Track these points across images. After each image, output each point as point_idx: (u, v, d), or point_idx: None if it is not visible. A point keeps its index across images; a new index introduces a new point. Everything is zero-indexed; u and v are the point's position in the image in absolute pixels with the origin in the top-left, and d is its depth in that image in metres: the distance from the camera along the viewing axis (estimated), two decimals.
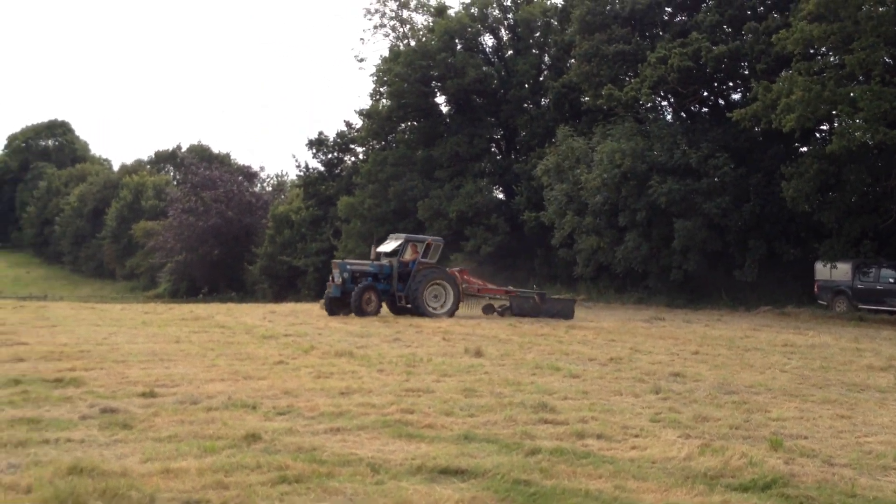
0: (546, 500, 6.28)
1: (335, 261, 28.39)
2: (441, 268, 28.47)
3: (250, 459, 7.04)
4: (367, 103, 61.58)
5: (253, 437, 7.84)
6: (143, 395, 10.28)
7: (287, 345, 17.12)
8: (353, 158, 64.47)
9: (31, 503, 5.61)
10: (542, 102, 51.46)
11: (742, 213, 33.84)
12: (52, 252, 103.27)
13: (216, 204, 71.20)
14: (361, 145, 61.32)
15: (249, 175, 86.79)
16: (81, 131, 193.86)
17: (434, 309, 26.70)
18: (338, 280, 26.42)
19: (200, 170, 78.14)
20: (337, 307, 26.44)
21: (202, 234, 70.44)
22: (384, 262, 27.43)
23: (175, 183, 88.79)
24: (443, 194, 49.12)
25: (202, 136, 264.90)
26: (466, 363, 14.94)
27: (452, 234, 48.42)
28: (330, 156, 64.96)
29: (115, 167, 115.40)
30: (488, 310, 29.03)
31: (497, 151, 55.49)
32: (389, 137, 57.28)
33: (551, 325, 24.96)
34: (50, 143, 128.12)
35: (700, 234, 33.83)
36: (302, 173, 65.67)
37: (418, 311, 26.44)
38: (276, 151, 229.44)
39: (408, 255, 27.47)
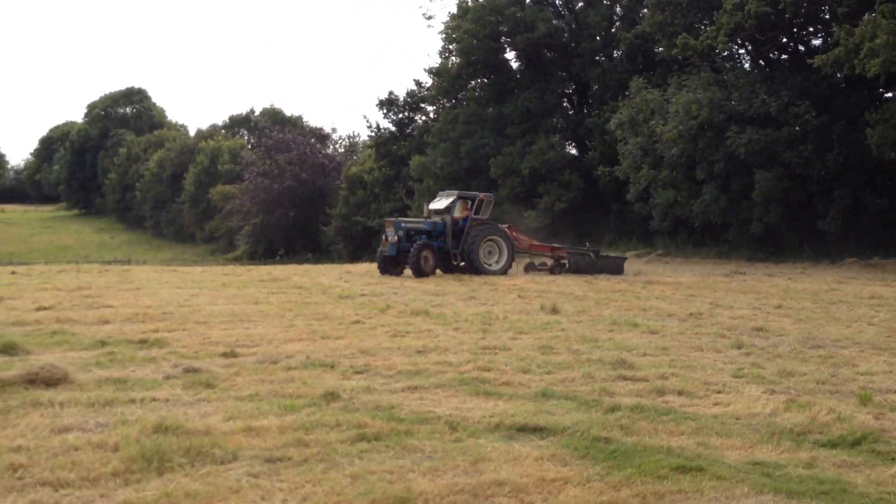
0: (627, 457, 6.17)
1: (389, 219, 28.00)
2: (495, 224, 28.05)
3: (329, 417, 7.07)
4: (436, 62, 61.42)
5: (332, 396, 7.88)
6: (225, 355, 10.43)
7: (363, 304, 17.24)
8: (423, 117, 64.42)
9: (119, 461, 5.70)
10: (615, 55, 50.53)
11: (825, 163, 32.78)
12: (133, 217, 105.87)
13: (290, 166, 71.95)
14: (432, 104, 61.19)
15: (322, 137, 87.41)
16: (158, 98, 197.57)
17: (489, 266, 26.43)
18: (392, 239, 26.04)
19: (274, 133, 78.98)
20: (390, 266, 26.19)
21: (277, 196, 71.36)
22: (436, 219, 27.15)
23: (250, 147, 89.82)
24: (515, 151, 48.76)
25: (275, 99, 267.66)
26: (542, 320, 14.83)
27: (525, 191, 48.13)
28: (401, 115, 64.95)
29: (192, 132, 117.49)
30: (529, 267, 29.10)
31: (569, 106, 54.79)
32: (460, 95, 56.97)
33: (628, 282, 24.69)
34: (128, 110, 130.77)
35: (781, 184, 32.94)
36: (373, 134, 65.83)
37: (473, 268, 26.11)
38: (347, 113, 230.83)
39: (459, 212, 27.13)
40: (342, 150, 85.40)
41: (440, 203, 27.92)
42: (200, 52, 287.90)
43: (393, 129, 64.96)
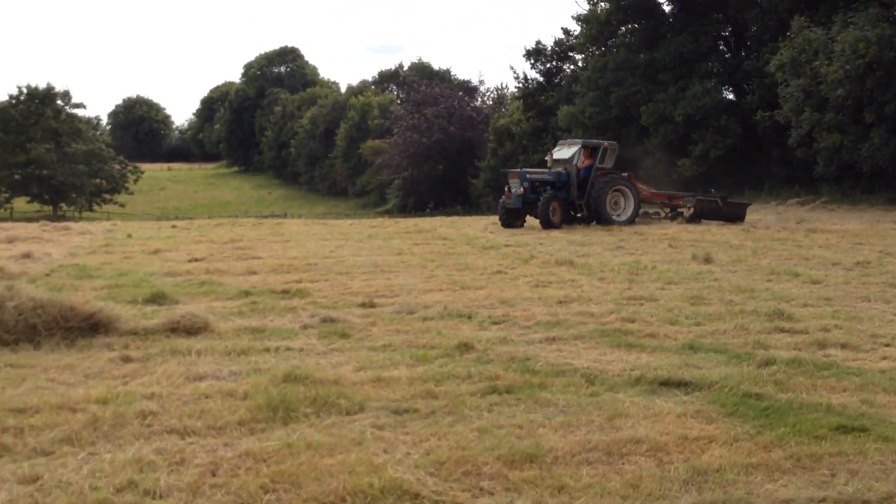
0: (781, 415, 5.64)
1: (513, 170, 26.67)
2: (620, 173, 26.79)
3: (461, 369, 6.83)
4: (584, 8, 59.75)
5: (466, 347, 7.63)
6: (363, 305, 10.36)
7: (507, 255, 16.94)
8: (571, 66, 63.04)
9: (246, 410, 5.62)
10: None
11: None
12: (289, 173, 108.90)
13: (438, 120, 72.07)
14: (580, 52, 59.76)
15: (469, 90, 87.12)
16: (310, 56, 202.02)
17: (616, 217, 25.41)
18: (517, 190, 24.91)
19: (422, 87, 79.20)
20: (513, 219, 25.25)
21: (426, 150, 71.72)
22: (559, 169, 25.94)
23: (399, 102, 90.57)
24: (667, 98, 47.07)
25: (423, 53, 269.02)
26: (694, 270, 14.15)
27: (678, 138, 46.49)
28: (548, 65, 63.80)
29: (342, 89, 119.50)
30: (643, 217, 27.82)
31: (725, 49, 52.31)
32: (609, 42, 55.33)
33: (789, 230, 23.41)
34: (282, 69, 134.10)
35: None
36: (520, 85, 64.97)
37: (601, 219, 25.13)
38: (495, 65, 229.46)
39: (582, 162, 25.89)
40: (490, 102, 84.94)
41: (563, 152, 26.73)
42: (350, 8, 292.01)
43: (540, 79, 63.92)
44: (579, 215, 25.64)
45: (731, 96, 50.09)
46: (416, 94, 77.08)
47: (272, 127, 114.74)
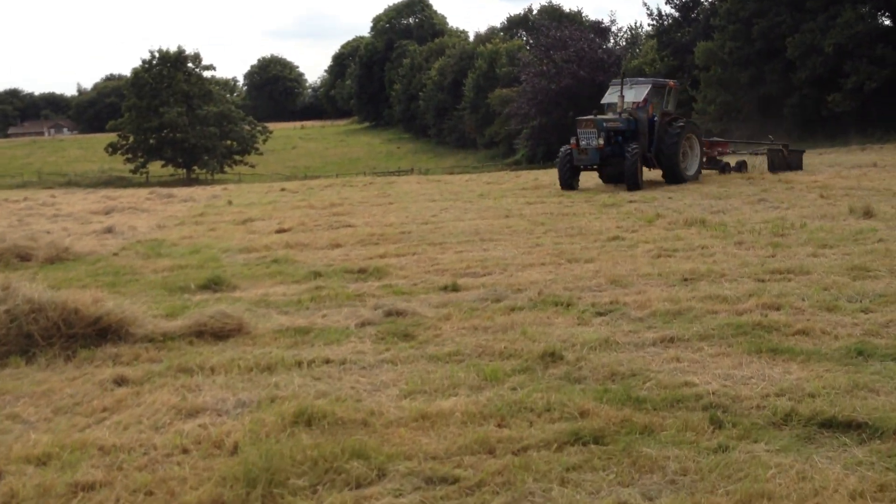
0: None
1: (588, 118, 21.68)
2: (687, 119, 23.37)
3: (539, 396, 5.06)
4: None
5: (552, 357, 5.85)
6: (445, 288, 8.69)
7: (628, 214, 14.89)
8: (710, 0, 59.03)
9: (214, 484, 4.00)
10: None
11: None
12: (418, 126, 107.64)
13: (567, 65, 69.00)
14: None
15: (601, 31, 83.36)
16: (439, 5, 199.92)
17: (686, 171, 21.72)
18: (594, 143, 20.82)
19: (551, 31, 76.18)
20: (575, 178, 21.39)
21: (556, 96, 68.86)
22: (611, 117, 21.72)
23: (528, 48, 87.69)
24: (816, 27, 43.11)
25: None
26: (853, 227, 11.81)
27: (828, 71, 42.62)
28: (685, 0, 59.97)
29: (471, 38, 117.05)
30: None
31: None
32: None
33: None
34: (411, 20, 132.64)
35: None
36: (655, 22, 61.37)
37: (673, 174, 21.25)
38: (631, 3, 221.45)
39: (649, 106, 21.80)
40: (623, 43, 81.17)
41: (626, 94, 22.07)
42: None
43: (676, 14, 60.23)
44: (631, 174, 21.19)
45: (887, 22, 45.47)
46: (545, 38, 74.15)
47: (401, 80, 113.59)
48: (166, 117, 70.27)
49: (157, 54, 74.43)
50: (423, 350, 6.34)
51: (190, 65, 76.01)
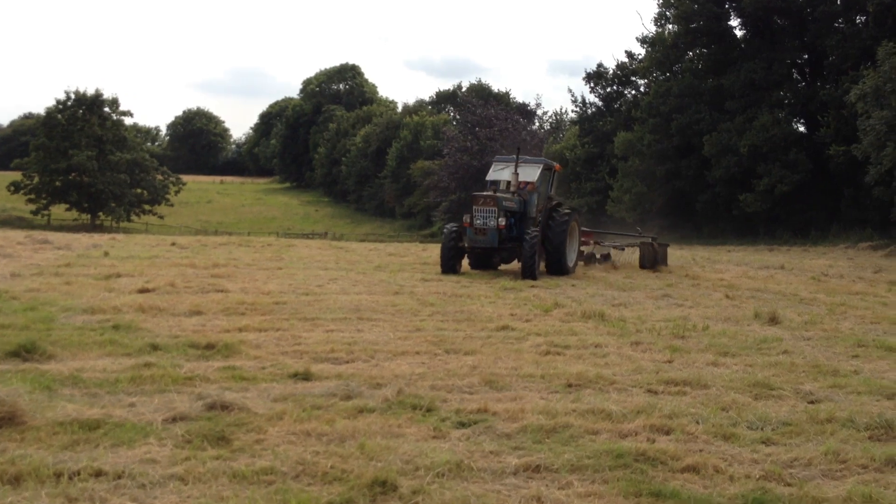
0: None
1: (486, 194, 19.07)
2: (571, 207, 21.97)
3: None
4: (650, 30, 56.78)
5: (383, 487, 4.68)
6: (295, 376, 7.48)
7: (526, 300, 13.91)
8: (633, 91, 59.98)
9: None
10: (858, 19, 44.13)
11: None
12: (339, 191, 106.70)
13: (490, 142, 69.08)
14: (643, 77, 56.73)
15: (527, 113, 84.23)
16: (371, 74, 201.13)
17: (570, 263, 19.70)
18: (491, 223, 18.42)
19: (478, 109, 76.47)
20: (458, 261, 18.91)
21: (477, 173, 68.68)
22: (508, 196, 19.26)
23: (454, 123, 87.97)
24: (733, 127, 43.80)
25: (484, 75, 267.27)
26: (757, 335, 11.02)
27: (742, 171, 43.21)
28: (609, 90, 60.85)
29: (400, 108, 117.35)
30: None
31: (799, 78, 48.72)
32: (675, 67, 52.21)
33: (867, 280, 20.07)
34: (341, 86, 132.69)
35: None
36: (578, 109, 61.98)
37: (559, 265, 19.00)
38: (553, 89, 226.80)
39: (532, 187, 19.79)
40: (548, 126, 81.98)
41: (526, 173, 19.87)
42: (412, 29, 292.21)
43: (599, 103, 60.94)
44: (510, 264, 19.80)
45: (802, 128, 46.58)
46: (471, 116, 74.34)
47: (325, 144, 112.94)
48: (75, 160, 67.76)
49: (73, 95, 72.14)
50: (231, 462, 5.10)
51: (107, 109, 73.78)
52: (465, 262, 19.66)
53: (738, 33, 50.11)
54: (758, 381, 8.00)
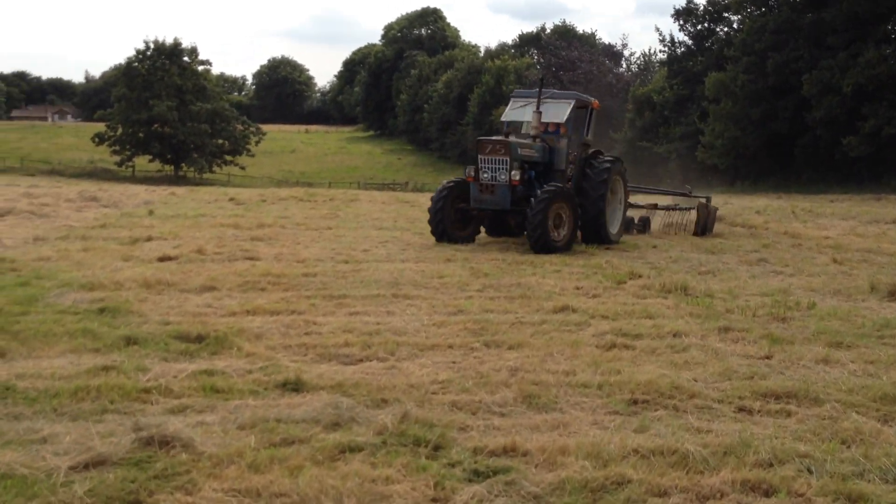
0: None
1: (494, 139, 15.41)
2: (612, 156, 17.23)
3: None
4: None
5: None
6: (284, 386, 5.93)
7: (597, 268, 12.10)
8: (725, 29, 56.55)
9: None
10: None
11: None
12: (421, 139, 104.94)
13: (574, 86, 66.45)
14: (736, 12, 53.25)
15: (612, 55, 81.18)
16: (453, 19, 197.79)
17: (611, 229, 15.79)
18: (504, 177, 14.66)
19: (561, 51, 73.76)
20: (454, 227, 15.09)
21: None
22: (527, 142, 15.38)
23: (538, 67, 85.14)
24: (835, 65, 40.52)
25: (569, 16, 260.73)
26: (876, 315, 9.12)
27: (845, 112, 39.99)
28: (699, 27, 57.49)
29: (482, 53, 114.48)
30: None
31: None
32: (771, 1, 48.66)
33: None
34: (423, 31, 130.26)
35: None
36: (667, 49, 58.80)
37: (597, 231, 15.27)
38: (643, 30, 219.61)
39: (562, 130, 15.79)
40: (635, 68, 78.62)
41: (544, 111, 15.74)
42: None
43: (689, 42, 57.66)
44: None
45: None
46: (554, 59, 71.74)
47: (407, 90, 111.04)
48: (156, 111, 67.66)
49: (152, 45, 71.86)
50: None
51: (186, 59, 73.39)
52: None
53: None
54: (885, 392, 6.11)
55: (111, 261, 11.31)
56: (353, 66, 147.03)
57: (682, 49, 57.77)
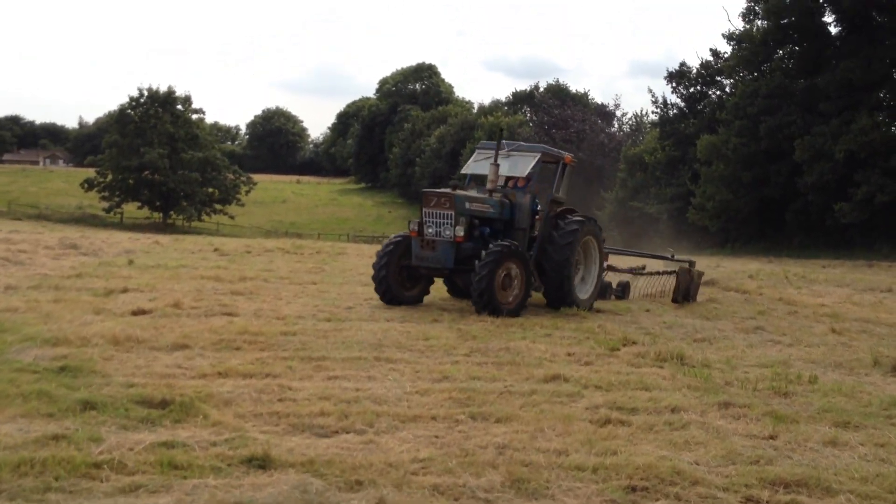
0: None
1: (439, 191, 14.05)
2: (584, 215, 15.36)
3: None
4: (738, 27, 53.63)
5: None
6: (249, 461, 5.44)
7: (589, 333, 11.64)
8: (717, 92, 57.03)
9: None
10: None
11: None
12: (413, 192, 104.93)
13: (566, 144, 66.71)
14: (729, 76, 53.76)
15: (605, 115, 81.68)
16: (447, 74, 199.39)
17: (579, 294, 14.59)
18: (447, 233, 13.39)
19: (554, 109, 74.15)
20: (398, 287, 13.81)
21: None
22: (479, 196, 14.19)
23: (530, 124, 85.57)
24: (828, 131, 40.63)
25: (562, 76, 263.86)
26: (881, 392, 8.66)
27: (836, 179, 39.96)
28: (692, 90, 57.94)
29: (476, 109, 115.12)
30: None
31: None
32: (763, 66, 49.09)
33: None
34: (417, 86, 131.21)
35: None
36: (659, 110, 59.08)
37: (559, 295, 14.17)
38: (636, 91, 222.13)
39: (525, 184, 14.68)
40: (627, 128, 79.07)
41: (503, 165, 14.66)
42: (491, 29, 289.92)
43: (681, 104, 58.00)
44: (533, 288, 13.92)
45: None
46: (547, 117, 72.08)
47: (400, 144, 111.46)
48: (147, 157, 67.40)
49: (146, 92, 71.89)
50: None
51: (179, 107, 73.42)
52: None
53: (833, 30, 46.86)
54: (892, 484, 5.64)
55: (81, 314, 10.79)
56: (347, 119, 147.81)
57: (675, 111, 58.08)
